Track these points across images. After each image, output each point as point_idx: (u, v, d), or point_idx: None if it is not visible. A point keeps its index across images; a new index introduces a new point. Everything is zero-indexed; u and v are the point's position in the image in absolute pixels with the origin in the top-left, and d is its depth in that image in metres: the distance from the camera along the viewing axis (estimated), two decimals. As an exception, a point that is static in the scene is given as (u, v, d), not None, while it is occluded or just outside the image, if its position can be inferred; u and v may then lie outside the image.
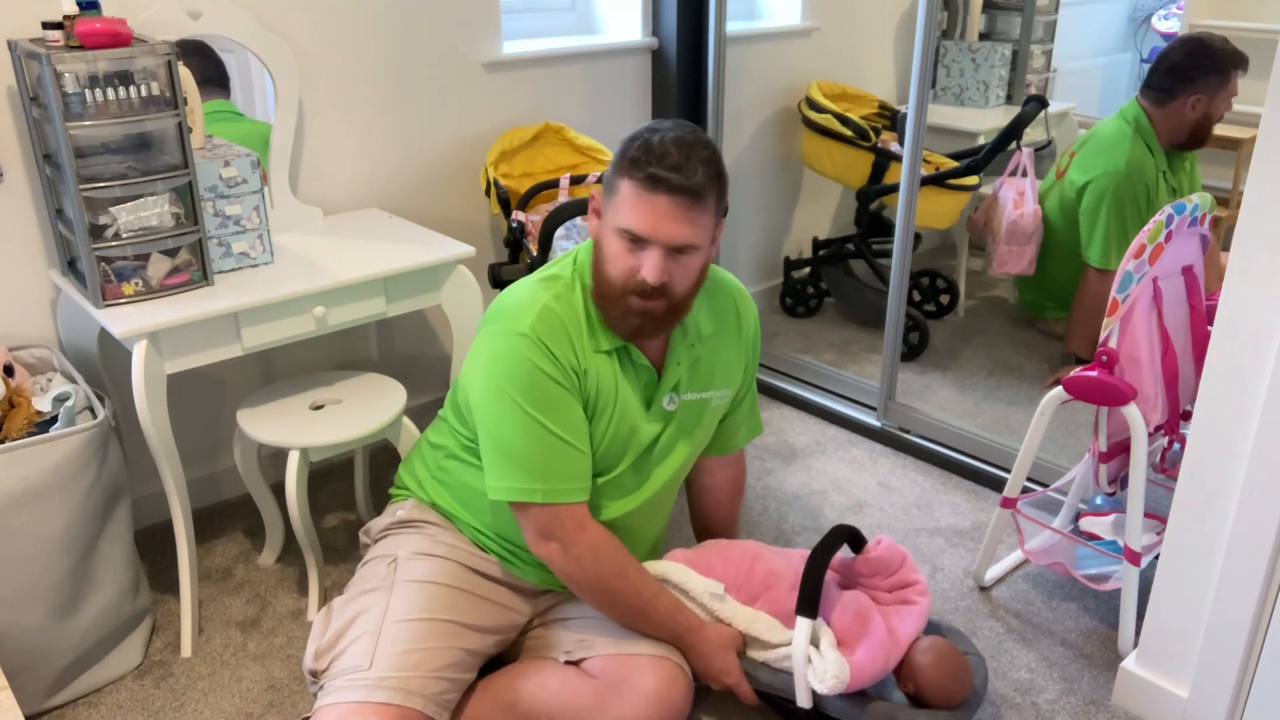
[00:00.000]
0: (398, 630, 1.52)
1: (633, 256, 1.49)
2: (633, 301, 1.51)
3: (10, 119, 1.97)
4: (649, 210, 1.45)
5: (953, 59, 3.73)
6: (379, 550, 1.73)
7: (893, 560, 1.75)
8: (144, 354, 1.78)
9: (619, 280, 1.51)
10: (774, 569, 1.74)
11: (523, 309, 1.54)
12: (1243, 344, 1.54)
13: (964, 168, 3.09)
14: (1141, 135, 2.83)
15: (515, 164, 2.68)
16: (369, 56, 2.41)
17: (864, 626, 1.66)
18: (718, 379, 1.74)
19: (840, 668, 1.57)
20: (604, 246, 1.53)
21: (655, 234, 1.46)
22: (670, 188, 1.44)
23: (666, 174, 1.43)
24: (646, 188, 1.45)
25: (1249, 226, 1.50)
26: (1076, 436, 2.71)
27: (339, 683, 1.47)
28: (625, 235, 1.48)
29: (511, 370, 1.51)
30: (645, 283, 1.48)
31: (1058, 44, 3.83)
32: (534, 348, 1.50)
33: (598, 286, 1.55)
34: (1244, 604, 1.63)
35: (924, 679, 1.65)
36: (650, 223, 1.45)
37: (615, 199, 1.49)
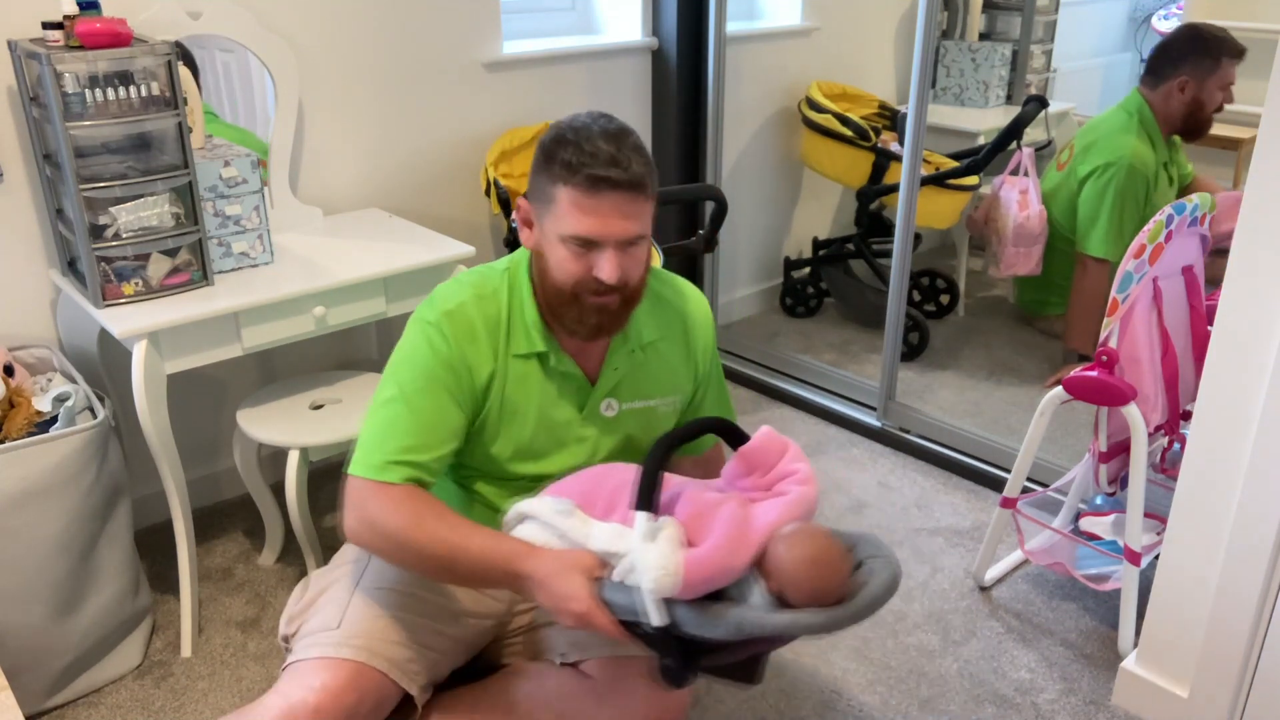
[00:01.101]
0: (369, 596, 1.53)
1: (583, 260, 1.45)
2: (589, 300, 1.47)
3: (10, 119, 1.97)
4: (595, 213, 1.41)
5: (953, 59, 3.73)
6: None
7: (770, 451, 1.43)
8: (144, 354, 1.78)
9: (571, 285, 1.46)
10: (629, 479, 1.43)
11: (440, 300, 1.53)
12: (1243, 344, 1.54)
13: (964, 168, 3.09)
14: (1143, 126, 2.84)
15: (515, 164, 2.68)
16: (369, 57, 2.41)
17: (714, 519, 1.35)
18: (661, 387, 1.68)
19: (667, 558, 1.26)
20: (547, 256, 1.48)
21: (606, 234, 1.42)
22: (614, 185, 1.41)
23: (607, 172, 1.40)
24: (589, 191, 1.41)
25: (1249, 226, 1.50)
26: (1076, 436, 2.71)
27: (306, 641, 1.47)
28: (573, 242, 1.44)
29: (406, 352, 1.50)
30: (602, 283, 1.45)
31: (1058, 44, 3.84)
32: (434, 334, 1.49)
33: (547, 297, 1.51)
34: (1244, 604, 1.63)
35: (780, 570, 1.31)
36: (599, 225, 1.42)
37: (553, 207, 1.45)
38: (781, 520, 1.36)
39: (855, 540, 1.40)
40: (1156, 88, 2.84)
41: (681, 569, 1.26)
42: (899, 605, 2.12)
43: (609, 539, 1.35)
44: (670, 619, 1.27)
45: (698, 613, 1.27)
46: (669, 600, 1.26)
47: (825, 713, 1.85)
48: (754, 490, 1.43)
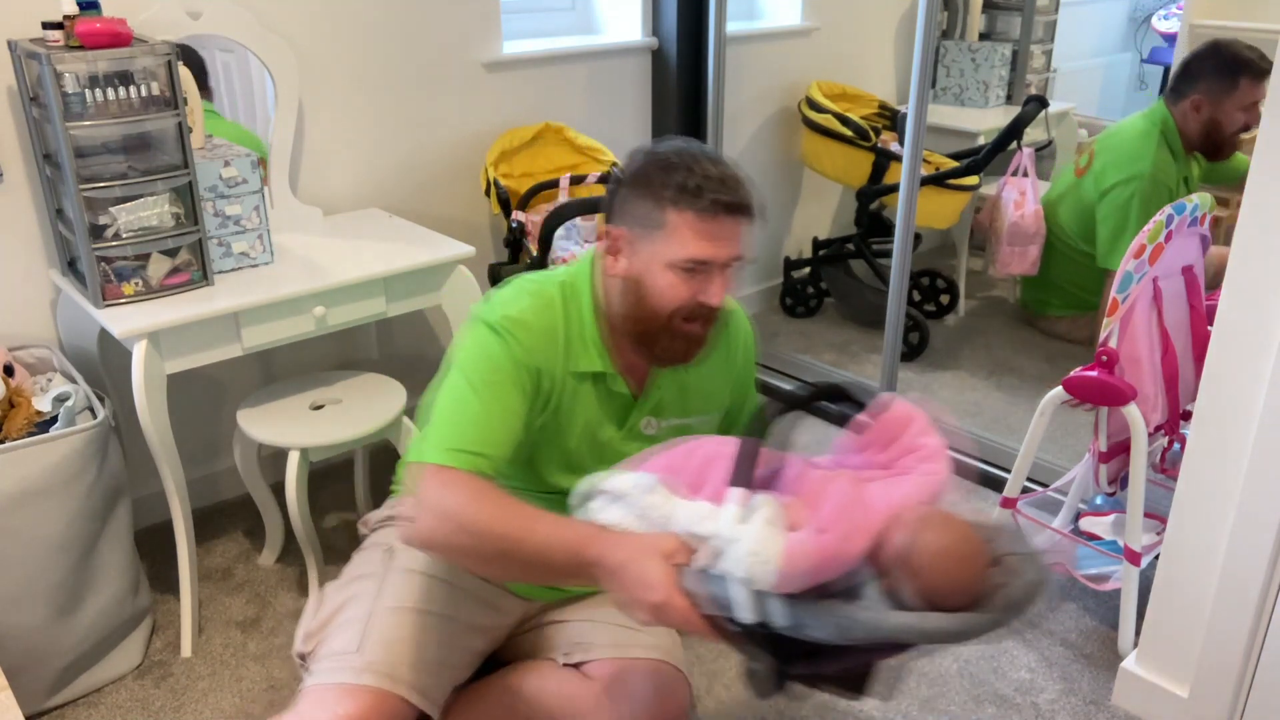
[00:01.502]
0: (388, 618, 1.52)
1: (691, 285, 1.45)
2: (682, 326, 1.47)
3: (10, 119, 1.97)
4: (714, 236, 1.43)
5: (953, 59, 3.73)
6: (375, 539, 1.72)
7: (892, 422, 1.22)
8: (144, 354, 1.78)
9: (671, 311, 1.45)
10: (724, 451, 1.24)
11: (500, 305, 1.51)
12: (1243, 344, 1.54)
13: (964, 168, 3.09)
14: (1166, 137, 2.79)
15: (515, 164, 2.68)
16: (369, 57, 2.41)
17: (822, 497, 1.14)
18: (701, 405, 1.69)
19: (765, 543, 1.06)
20: (646, 283, 1.46)
21: (721, 257, 1.44)
22: (733, 209, 1.43)
23: (728, 197, 1.42)
24: (709, 215, 1.42)
25: (1249, 226, 1.50)
26: (1076, 436, 2.71)
27: (325, 665, 1.47)
28: (685, 266, 1.43)
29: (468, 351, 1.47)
30: (706, 307, 1.45)
31: (1058, 44, 3.84)
32: (505, 334, 1.47)
33: (637, 324, 1.49)
34: (1244, 603, 1.63)
35: (902, 564, 1.07)
36: (716, 248, 1.43)
37: (663, 233, 1.43)
38: (905, 503, 1.13)
39: (993, 532, 1.13)
40: (1177, 104, 2.78)
41: (781, 556, 1.05)
42: (899, 605, 2.12)
43: (696, 519, 1.14)
44: (764, 615, 1.06)
45: (797, 609, 1.05)
46: (764, 593, 1.06)
47: (825, 713, 1.85)
48: (871, 467, 1.23)
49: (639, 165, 1.47)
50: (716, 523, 1.11)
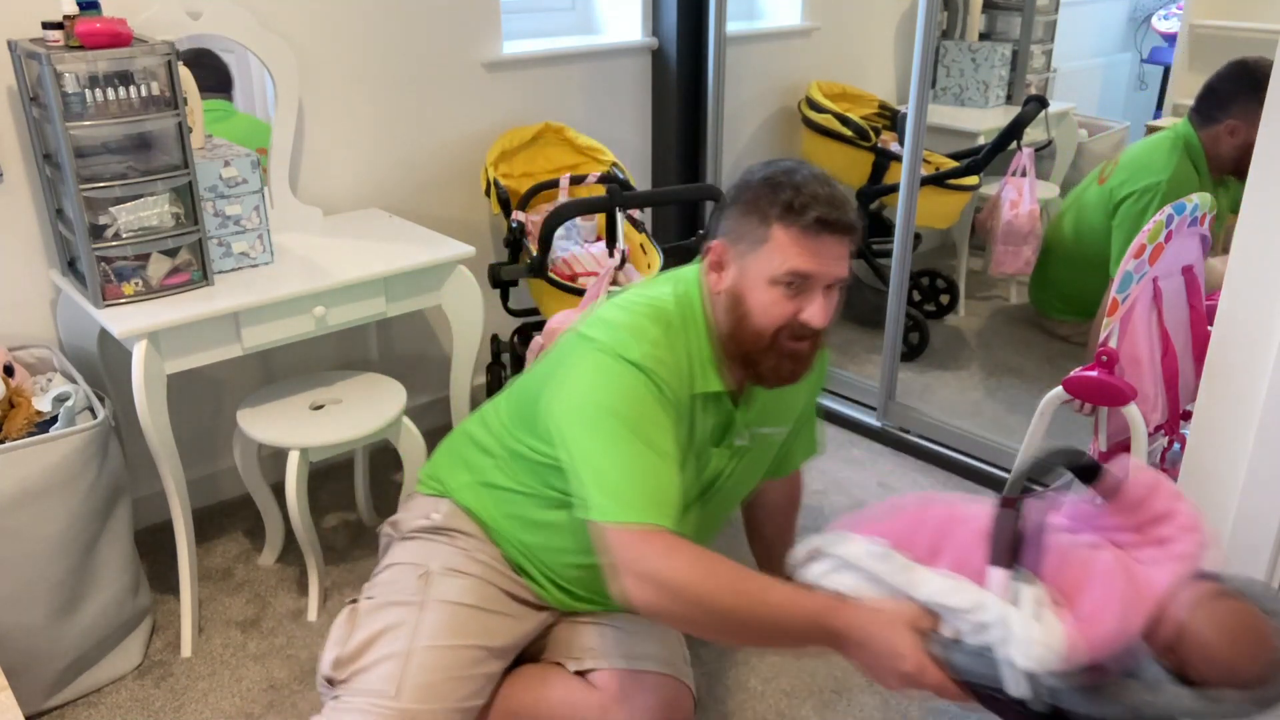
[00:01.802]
0: (426, 657, 1.49)
1: (792, 302, 1.45)
2: (788, 346, 1.47)
3: (10, 119, 1.97)
4: (815, 253, 1.43)
5: (953, 59, 3.73)
6: (408, 555, 1.65)
7: (1138, 489, 1.21)
8: (144, 354, 1.78)
9: (773, 329, 1.46)
10: (956, 514, 1.28)
11: (632, 336, 1.46)
12: (1243, 344, 1.55)
13: (964, 168, 3.09)
14: (1190, 154, 2.72)
15: (515, 164, 2.68)
16: (369, 57, 2.41)
17: (1088, 575, 1.16)
18: (785, 416, 1.71)
19: (1051, 634, 1.09)
20: (748, 300, 1.47)
21: (823, 273, 1.44)
22: (836, 228, 1.44)
23: (833, 214, 1.43)
24: (813, 232, 1.42)
25: (1249, 226, 1.50)
26: (1076, 436, 2.71)
27: (360, 702, 1.45)
28: (787, 281, 1.44)
29: (616, 391, 1.41)
30: (807, 326, 1.45)
31: (1058, 44, 3.83)
32: (641, 376, 1.43)
33: (742, 343, 1.49)
34: (1244, 604, 1.63)
35: (1193, 644, 1.10)
36: (818, 264, 1.44)
37: (766, 248, 1.44)
38: (1176, 578, 1.14)
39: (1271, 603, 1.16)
40: (1204, 128, 2.69)
41: (1063, 643, 1.08)
42: (899, 605, 2.12)
43: (945, 591, 1.17)
44: (1041, 693, 1.10)
45: (1081, 691, 1.08)
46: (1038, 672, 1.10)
47: (825, 713, 1.85)
48: (1122, 533, 1.23)
49: (748, 183, 1.48)
50: (972, 597, 1.15)
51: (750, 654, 1.98)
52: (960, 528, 1.25)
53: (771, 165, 1.49)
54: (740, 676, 1.93)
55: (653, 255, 2.44)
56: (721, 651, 1.99)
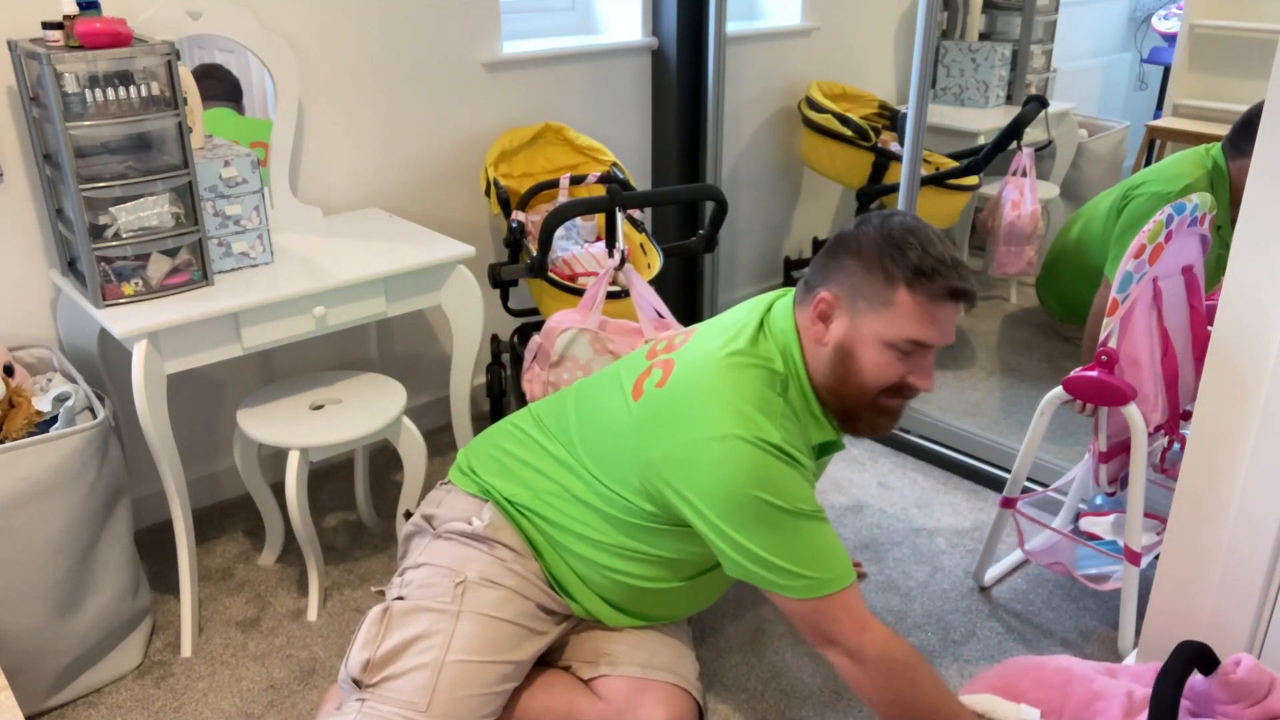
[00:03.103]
0: (457, 671, 1.49)
1: (904, 365, 1.46)
2: (888, 403, 1.48)
3: (10, 119, 1.97)
4: (937, 321, 1.44)
5: (953, 59, 3.73)
6: (444, 558, 1.62)
7: (1259, 684, 1.41)
8: (144, 354, 1.78)
9: (879, 388, 1.47)
10: (1098, 690, 1.46)
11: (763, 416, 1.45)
12: (1243, 344, 1.54)
13: (964, 168, 3.09)
14: (1212, 175, 2.68)
15: (515, 164, 2.68)
16: (369, 57, 2.41)
17: None
18: None
19: None
20: (859, 358, 1.47)
21: (939, 342, 1.45)
22: (961, 297, 1.44)
23: (963, 285, 1.43)
24: (945, 300, 1.43)
25: (1249, 226, 1.50)
26: (1076, 436, 2.71)
27: (388, 710, 1.45)
28: (905, 347, 1.44)
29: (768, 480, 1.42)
30: (915, 390, 1.47)
31: (1058, 44, 3.83)
32: (783, 459, 1.44)
33: (844, 398, 1.50)
34: (1244, 604, 1.63)
35: None
36: (937, 333, 1.44)
37: (889, 310, 1.44)
38: None
39: None
40: (1236, 159, 2.66)
41: None
42: (899, 605, 2.12)
43: None
44: None
45: None
46: None
47: (825, 713, 1.85)
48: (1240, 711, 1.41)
49: (868, 238, 1.46)
50: None
51: (750, 654, 1.98)
52: (1104, 704, 1.40)
53: (892, 218, 1.47)
54: (740, 676, 1.93)
55: (653, 255, 2.44)
56: (721, 651, 1.99)
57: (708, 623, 2.07)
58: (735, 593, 2.15)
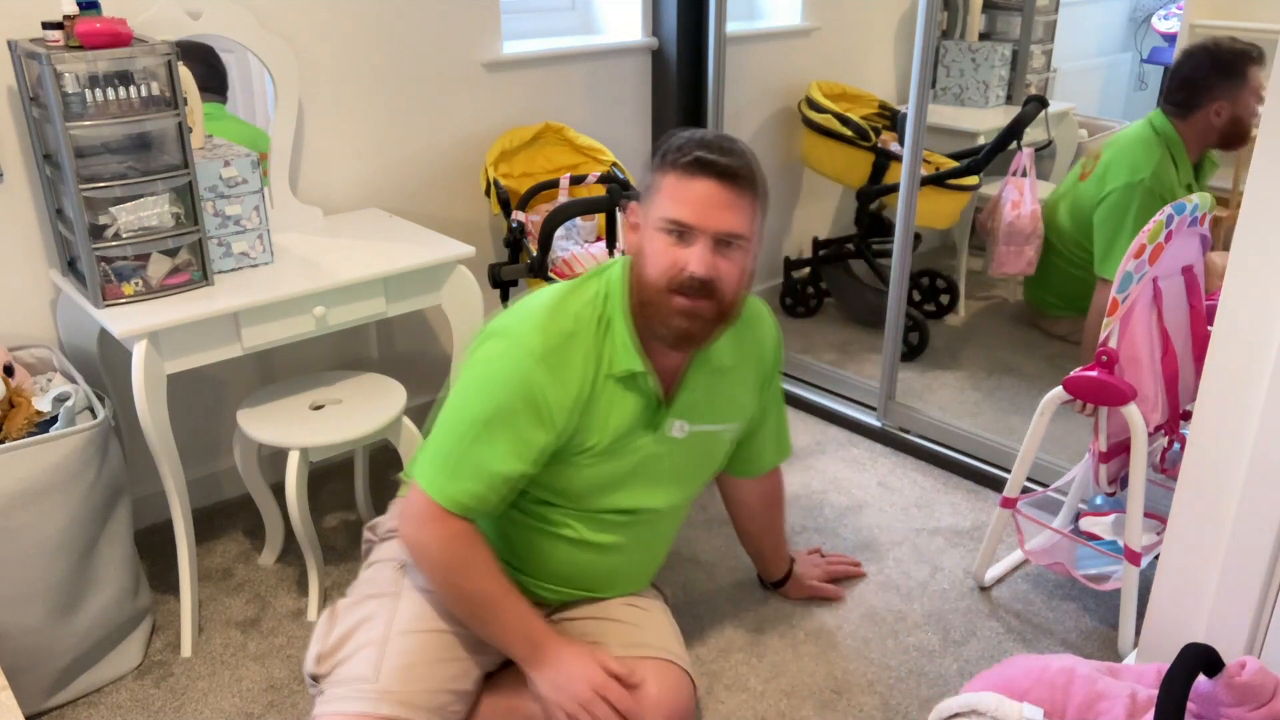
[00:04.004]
0: (403, 641, 1.52)
1: (677, 251, 1.44)
2: (677, 302, 1.45)
3: (10, 119, 1.97)
4: (694, 197, 1.41)
5: (953, 59, 3.73)
6: (385, 552, 1.71)
7: (1265, 687, 1.41)
8: (144, 354, 1.78)
9: (662, 279, 1.44)
10: (1101, 690, 1.46)
11: (538, 326, 1.48)
12: (1243, 344, 1.54)
13: (964, 168, 3.09)
14: (1169, 146, 2.78)
15: (515, 164, 2.68)
16: (369, 57, 2.41)
17: None
18: (731, 413, 1.70)
19: None
20: (644, 251, 1.48)
21: (702, 222, 1.42)
22: (716, 171, 1.41)
23: (712, 157, 1.41)
24: (691, 173, 1.41)
25: (1249, 226, 1.50)
26: (1076, 436, 2.71)
27: (341, 690, 1.47)
28: (669, 228, 1.43)
29: (494, 376, 1.47)
30: (692, 277, 1.43)
31: (1058, 44, 3.83)
32: (531, 376, 1.45)
33: (639, 293, 1.49)
34: (1244, 604, 1.63)
35: None
36: (697, 210, 1.42)
37: (656, 197, 1.45)
38: None
39: None
40: (1187, 117, 2.76)
41: None
42: (899, 605, 2.12)
43: None
44: None
45: None
46: None
47: (825, 713, 1.85)
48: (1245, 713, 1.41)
49: (659, 143, 1.49)
50: None
51: (750, 654, 1.98)
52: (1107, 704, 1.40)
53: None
54: (740, 676, 1.93)
55: None
56: (721, 651, 1.99)
57: (708, 622, 2.07)
58: (735, 592, 2.15)
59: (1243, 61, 2.72)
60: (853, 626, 2.06)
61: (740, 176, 1.43)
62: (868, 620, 2.08)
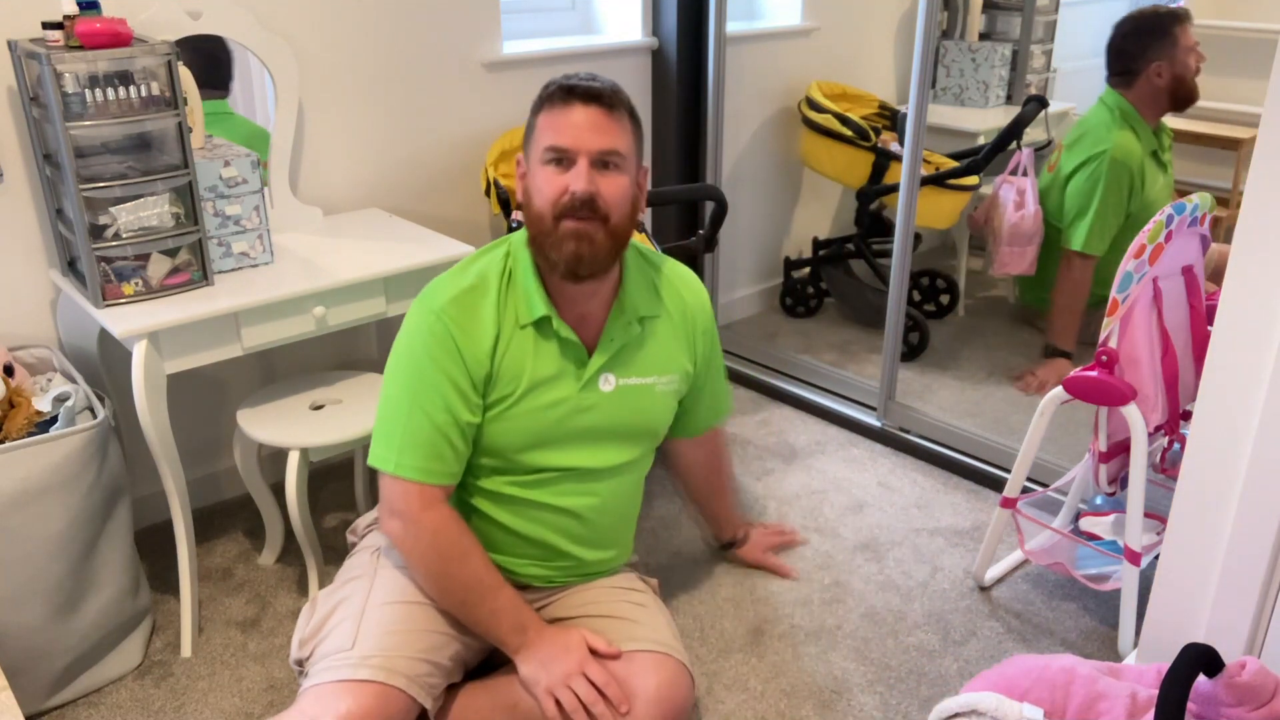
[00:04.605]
0: (380, 613, 1.54)
1: (559, 178, 1.51)
2: (566, 225, 1.52)
3: (10, 119, 1.97)
4: (567, 123, 1.50)
5: (953, 59, 3.73)
6: (364, 543, 1.75)
7: (1265, 687, 1.42)
8: (144, 354, 1.78)
9: (548, 206, 1.52)
10: (1101, 690, 1.47)
11: (444, 286, 1.57)
12: (1243, 344, 1.54)
13: (964, 168, 3.09)
14: (1126, 119, 2.85)
15: (515, 164, 2.68)
16: (369, 56, 2.41)
17: None
18: (662, 363, 1.72)
19: None
20: (530, 190, 1.56)
21: (577, 144, 1.50)
22: (585, 96, 1.51)
23: (578, 84, 1.51)
24: (563, 101, 1.51)
25: (1249, 226, 1.50)
26: (1076, 436, 2.71)
27: (322, 665, 1.48)
28: (550, 157, 1.51)
29: (410, 342, 1.56)
30: (574, 195, 1.50)
31: (1058, 44, 3.83)
32: (438, 325, 1.53)
33: (533, 230, 1.56)
34: (1244, 604, 1.63)
35: None
36: (571, 134, 1.50)
37: (534, 135, 1.55)
38: None
39: None
40: (1132, 85, 2.85)
41: None
42: (899, 605, 2.12)
43: None
44: None
45: None
46: None
47: (825, 713, 1.85)
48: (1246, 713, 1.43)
49: None
50: None
51: (750, 654, 1.98)
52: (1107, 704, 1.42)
53: None
54: (740, 676, 1.93)
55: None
56: (721, 651, 1.99)
57: (708, 623, 2.07)
58: (735, 592, 2.15)
59: (1168, 21, 2.79)
60: (853, 626, 2.06)
61: (606, 97, 1.53)
62: (868, 620, 2.08)
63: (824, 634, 2.04)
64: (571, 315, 1.61)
